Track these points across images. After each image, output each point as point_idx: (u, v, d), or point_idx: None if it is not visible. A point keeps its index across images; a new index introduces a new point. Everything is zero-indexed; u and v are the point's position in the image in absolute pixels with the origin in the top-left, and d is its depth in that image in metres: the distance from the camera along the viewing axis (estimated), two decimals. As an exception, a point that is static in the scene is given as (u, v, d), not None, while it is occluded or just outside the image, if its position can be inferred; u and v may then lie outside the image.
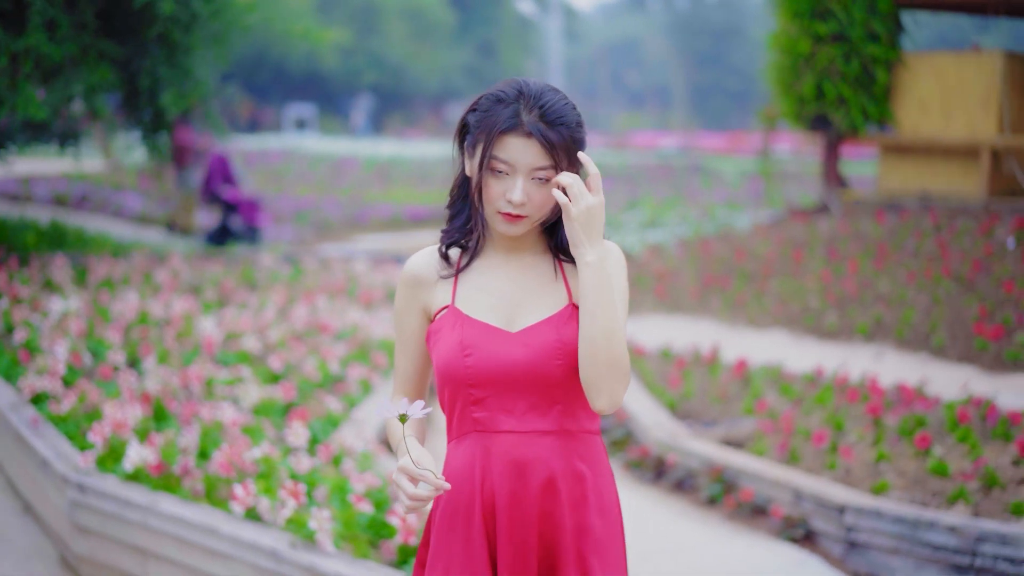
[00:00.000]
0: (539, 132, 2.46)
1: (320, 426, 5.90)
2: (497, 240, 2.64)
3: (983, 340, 8.51)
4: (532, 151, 2.47)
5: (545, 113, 2.48)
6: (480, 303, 2.59)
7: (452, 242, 2.67)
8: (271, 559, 4.38)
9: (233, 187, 14.56)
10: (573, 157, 2.51)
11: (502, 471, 2.53)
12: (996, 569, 4.83)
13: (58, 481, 5.31)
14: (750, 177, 24.58)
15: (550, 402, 2.53)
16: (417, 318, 2.66)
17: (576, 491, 2.54)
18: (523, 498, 2.52)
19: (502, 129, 2.48)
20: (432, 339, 2.61)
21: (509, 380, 2.52)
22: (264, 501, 4.58)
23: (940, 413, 6.44)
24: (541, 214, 2.54)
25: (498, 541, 2.54)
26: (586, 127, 2.58)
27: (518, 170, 2.49)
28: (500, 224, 2.54)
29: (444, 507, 2.58)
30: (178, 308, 8.30)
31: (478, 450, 2.54)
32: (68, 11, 9.56)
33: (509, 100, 2.50)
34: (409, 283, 2.67)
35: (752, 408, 7.01)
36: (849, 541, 5.35)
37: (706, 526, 5.83)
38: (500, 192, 2.51)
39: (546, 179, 2.49)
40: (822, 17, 12.96)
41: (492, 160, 2.50)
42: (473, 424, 2.55)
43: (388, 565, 4.24)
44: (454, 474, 2.58)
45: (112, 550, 5.08)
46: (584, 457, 2.56)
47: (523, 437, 2.53)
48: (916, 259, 10.56)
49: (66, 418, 5.92)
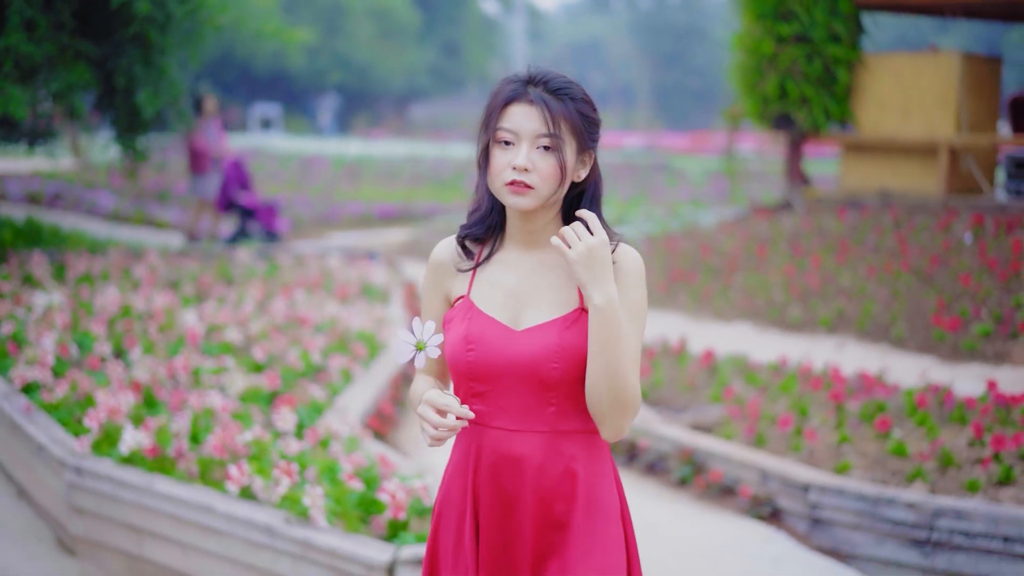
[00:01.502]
0: (542, 100, 2.51)
1: (306, 413, 6.10)
2: (516, 236, 2.65)
3: (941, 331, 8.82)
4: (535, 118, 2.51)
5: (548, 83, 2.54)
6: (492, 298, 2.62)
7: (470, 235, 2.69)
8: (266, 534, 4.60)
9: (249, 192, 14.71)
10: (580, 133, 2.55)
11: (489, 467, 2.57)
12: (952, 543, 5.11)
13: (55, 465, 5.50)
14: (714, 176, 24.90)
15: (544, 403, 2.55)
16: (440, 302, 2.71)
17: (564, 489, 2.55)
18: (508, 495, 2.56)
19: (506, 99, 2.54)
20: (446, 327, 2.66)
21: (506, 377, 2.55)
22: (258, 480, 4.79)
23: (900, 399, 6.73)
24: (549, 188, 2.53)
25: (480, 537, 2.59)
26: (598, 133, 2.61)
27: (522, 137, 2.51)
28: (508, 197, 2.55)
29: (442, 500, 2.67)
30: (159, 302, 8.48)
31: (472, 445, 2.60)
32: (46, 11, 9.70)
33: (518, 78, 2.57)
34: (434, 268, 2.71)
35: (719, 396, 7.27)
36: (813, 518, 5.62)
37: (677, 506, 6.10)
38: (506, 163, 2.53)
39: (550, 147, 2.51)
40: (785, 18, 13.26)
41: (497, 131, 2.54)
42: (475, 416, 2.57)
43: (378, 539, 4.46)
44: (453, 467, 2.66)
45: (109, 530, 5.28)
46: (577, 456, 2.57)
47: (512, 435, 2.56)
48: (876, 254, 10.87)
49: (58, 406, 6.10)
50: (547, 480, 2.55)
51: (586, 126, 2.56)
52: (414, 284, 11.29)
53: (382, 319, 8.96)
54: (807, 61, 13.21)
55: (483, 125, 2.60)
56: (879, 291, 10.02)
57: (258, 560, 4.66)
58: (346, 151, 31.12)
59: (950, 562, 5.11)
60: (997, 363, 8.28)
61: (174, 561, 5.02)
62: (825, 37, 13.15)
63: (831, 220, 12.27)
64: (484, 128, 2.59)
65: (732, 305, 10.84)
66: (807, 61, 13.21)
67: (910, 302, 9.59)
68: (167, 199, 17.99)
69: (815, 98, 13.26)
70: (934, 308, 9.25)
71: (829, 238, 11.69)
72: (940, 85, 12.72)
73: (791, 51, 13.21)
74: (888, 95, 13.16)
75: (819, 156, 27.27)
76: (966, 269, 9.77)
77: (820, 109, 13.29)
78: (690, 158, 33.49)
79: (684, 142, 39.81)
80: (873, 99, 13.29)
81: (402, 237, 17.58)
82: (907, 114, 13.01)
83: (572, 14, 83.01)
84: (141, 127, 11.17)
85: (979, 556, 5.04)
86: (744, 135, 26.78)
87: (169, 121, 11.57)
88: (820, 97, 13.27)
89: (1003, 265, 9.57)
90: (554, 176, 2.52)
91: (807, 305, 10.28)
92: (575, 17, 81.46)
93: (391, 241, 17.09)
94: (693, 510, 6.03)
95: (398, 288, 10.98)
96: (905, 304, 9.58)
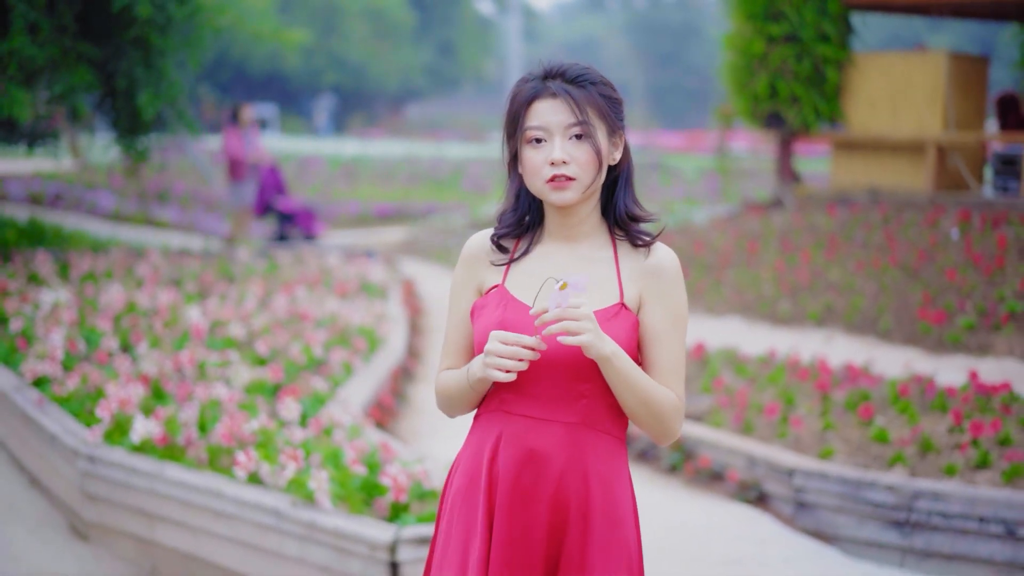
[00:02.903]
0: (564, 91, 2.54)
1: (309, 403, 6.31)
2: (556, 232, 2.66)
3: (926, 324, 9.05)
4: (562, 110, 2.54)
5: (567, 73, 2.57)
6: (528, 286, 2.62)
7: (505, 234, 2.69)
8: (273, 517, 4.82)
9: (286, 197, 14.91)
10: (607, 116, 2.58)
11: (508, 457, 2.57)
12: (930, 523, 5.33)
13: (68, 454, 5.71)
14: (708, 174, 25.12)
15: (576, 395, 2.56)
16: (471, 296, 2.70)
17: (580, 489, 2.56)
18: (525, 488, 2.56)
19: (529, 97, 2.57)
20: (476, 313, 2.65)
21: (539, 366, 2.53)
22: (265, 466, 5.01)
23: (884, 389, 6.95)
24: (589, 175, 2.56)
25: (495, 526, 2.58)
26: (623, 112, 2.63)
27: (553, 132, 2.54)
28: (551, 194, 2.56)
29: (455, 488, 2.67)
30: (163, 299, 8.69)
31: (493, 430, 2.60)
32: (49, 14, 9.89)
33: (534, 75, 2.59)
34: (467, 261, 2.71)
35: (709, 387, 7.49)
36: (798, 501, 5.85)
37: (668, 490, 6.32)
38: (542, 160, 2.55)
39: (582, 135, 2.54)
40: (775, 19, 13.48)
41: (528, 131, 2.56)
42: (499, 403, 2.60)
43: (381, 520, 4.68)
44: (469, 456, 2.66)
45: (121, 515, 5.49)
46: (599, 456, 2.58)
47: (537, 424, 2.56)
48: (865, 250, 11.09)
49: (69, 398, 6.31)
50: (566, 477, 2.55)
51: (611, 107, 2.59)
52: (412, 281, 11.51)
53: (381, 315, 9.18)
54: (797, 60, 13.43)
55: (509, 129, 2.61)
56: (867, 285, 10.24)
57: (266, 542, 4.88)
58: (342, 151, 31.32)
59: (928, 542, 5.33)
60: (980, 355, 8.50)
61: (185, 544, 5.23)
62: (814, 37, 13.37)
63: (821, 217, 12.49)
64: (511, 132, 2.61)
65: (723, 300, 11.07)
66: (797, 60, 13.43)
67: (897, 296, 9.81)
68: (167, 199, 18.20)
69: (805, 97, 13.48)
70: (920, 302, 9.48)
71: (819, 234, 11.91)
72: (928, 84, 12.95)
73: (781, 51, 13.43)
74: (877, 94, 13.38)
75: (811, 155, 27.49)
76: (952, 264, 9.99)
77: (810, 108, 13.51)
78: (685, 157, 33.70)
79: (679, 141, 40.01)
80: (862, 98, 13.51)
81: (399, 236, 17.80)
82: (896, 112, 13.23)
83: (567, 13, 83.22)
84: (142, 128, 11.35)
85: (956, 536, 5.26)
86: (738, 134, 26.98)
87: (168, 122, 11.76)
88: (810, 96, 13.49)
89: (988, 260, 9.79)
90: (592, 162, 2.55)
91: (796, 299, 10.50)
92: (570, 16, 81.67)
93: (389, 240, 17.31)
94: (683, 494, 6.26)
95: (396, 285, 11.20)
96: (892, 298, 9.80)
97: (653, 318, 2.60)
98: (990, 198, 11.88)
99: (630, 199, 2.65)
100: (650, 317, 2.60)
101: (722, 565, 5.33)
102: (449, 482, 2.73)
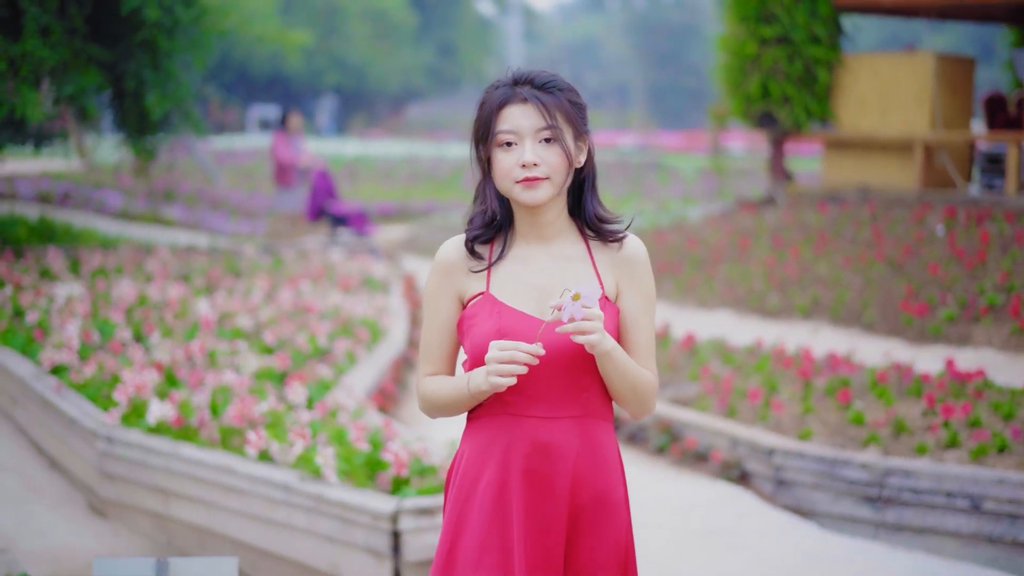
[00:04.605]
0: (534, 96, 2.65)
1: (315, 389, 6.64)
2: (528, 233, 2.76)
3: (909, 316, 9.37)
4: (532, 114, 2.65)
5: (535, 80, 2.68)
6: (515, 291, 2.71)
7: (477, 237, 2.78)
8: (282, 491, 5.15)
9: (338, 200, 15.22)
10: (574, 120, 2.69)
11: (525, 456, 2.67)
12: (901, 499, 5.66)
13: (87, 436, 6.04)
14: (705, 173, 25.44)
15: (579, 389, 2.69)
16: (451, 303, 2.78)
17: (589, 474, 2.69)
18: (544, 483, 2.66)
19: (500, 103, 2.67)
20: (466, 324, 2.72)
21: (547, 366, 2.63)
22: (274, 444, 5.34)
23: (863, 376, 7.28)
24: (559, 176, 2.67)
25: (514, 519, 2.67)
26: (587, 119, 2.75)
27: (523, 135, 2.65)
28: (521, 194, 2.67)
29: (466, 492, 2.74)
30: (173, 293, 9.01)
31: (502, 430, 2.69)
32: (60, 17, 10.20)
33: (503, 82, 2.71)
34: (443, 269, 2.78)
35: (697, 375, 7.81)
36: (778, 479, 6.18)
37: (655, 470, 6.66)
38: (512, 162, 2.66)
39: (551, 138, 2.65)
40: (767, 21, 13.81)
41: (498, 135, 2.67)
42: (503, 407, 2.69)
43: (384, 493, 5.01)
44: (474, 451, 2.74)
45: (138, 493, 5.82)
46: (600, 442, 2.72)
47: (548, 422, 2.67)
48: (853, 245, 11.42)
49: (86, 385, 6.64)
50: (579, 467, 2.68)
51: (578, 112, 2.70)
52: (413, 276, 11.84)
53: (383, 308, 9.51)
54: (788, 62, 13.76)
55: (478, 134, 2.72)
56: (853, 280, 10.56)
57: (275, 515, 5.21)
58: (344, 151, 31.64)
59: (899, 516, 5.66)
60: (960, 345, 8.83)
61: (199, 519, 5.56)
62: (806, 39, 13.69)
63: (812, 214, 12.81)
64: (481, 136, 2.71)
65: (715, 294, 11.39)
66: (788, 62, 13.76)
67: (881, 290, 10.13)
68: (173, 198, 18.54)
69: (796, 97, 13.80)
70: (903, 295, 9.80)
71: (809, 231, 12.24)
72: (916, 85, 13.27)
73: (773, 52, 13.75)
74: (866, 94, 13.70)
75: (803, 154, 27.81)
76: (936, 259, 10.31)
77: (801, 108, 13.83)
78: (682, 156, 34.03)
79: (678, 141, 40.30)
80: (852, 98, 13.84)
81: (401, 234, 18.14)
82: (885, 112, 13.56)
83: (567, 14, 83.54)
84: (150, 128, 11.65)
85: (925, 510, 5.59)
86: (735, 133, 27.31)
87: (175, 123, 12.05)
88: (801, 96, 13.81)
89: (971, 255, 10.11)
90: (562, 164, 2.67)
91: (785, 293, 10.82)
92: (570, 17, 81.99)
93: (390, 238, 17.63)
94: (670, 474, 6.59)
95: (397, 280, 11.56)
96: (877, 291, 10.12)
97: (630, 304, 2.76)
98: (976, 195, 12.19)
99: (596, 203, 2.78)
100: (627, 303, 2.76)
101: (704, 537, 5.67)
102: (453, 485, 2.79)
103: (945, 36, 45.23)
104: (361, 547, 4.87)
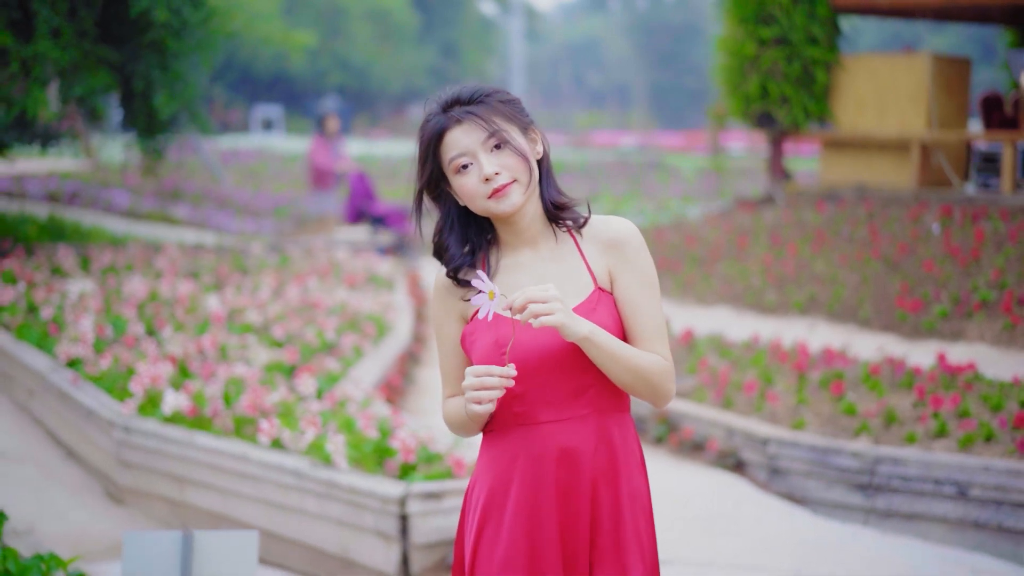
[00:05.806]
0: (466, 113, 2.64)
1: (323, 381, 6.85)
2: (512, 241, 2.74)
3: (903, 312, 9.57)
4: (473, 130, 2.64)
5: (460, 98, 2.67)
6: None
7: (460, 265, 2.74)
8: (294, 477, 5.35)
9: (377, 202, 15.39)
10: (514, 117, 2.68)
11: (544, 462, 2.66)
12: (890, 486, 5.87)
13: (104, 426, 6.25)
14: (705, 172, 25.64)
15: (585, 386, 2.66)
16: (455, 324, 2.78)
17: (609, 470, 2.68)
18: (565, 485, 2.66)
19: (438, 132, 2.66)
20: (468, 341, 2.72)
21: (547, 370, 2.63)
22: (287, 432, 5.55)
23: (857, 369, 7.48)
24: (523, 174, 2.66)
25: (543, 526, 2.66)
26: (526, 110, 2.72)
27: (474, 152, 2.64)
28: (497, 206, 2.65)
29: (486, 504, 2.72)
30: (183, 289, 9.22)
31: (518, 441, 2.68)
32: (71, 19, 10.40)
33: (433, 112, 2.69)
34: (444, 293, 2.78)
35: (695, 368, 8.02)
36: (772, 468, 6.39)
37: (654, 460, 6.84)
38: (475, 181, 2.64)
39: (500, 143, 2.64)
40: (766, 22, 14.01)
41: (452, 162, 2.66)
42: (514, 418, 2.68)
43: (392, 478, 5.21)
44: (492, 464, 2.72)
45: (154, 480, 6.03)
46: (616, 435, 2.69)
47: (561, 424, 2.65)
48: (850, 243, 11.62)
49: (101, 377, 6.85)
50: (598, 462, 2.67)
51: (513, 108, 2.69)
52: (417, 273, 12.05)
53: (388, 304, 9.72)
54: (787, 62, 13.95)
55: (427, 169, 2.69)
56: (849, 277, 10.76)
57: (288, 500, 5.42)
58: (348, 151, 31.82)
59: (889, 503, 5.87)
60: (953, 340, 9.03)
61: (213, 504, 5.77)
62: (804, 39, 13.89)
63: (810, 212, 13.01)
64: (431, 170, 2.69)
65: (713, 291, 11.60)
66: (787, 62, 13.95)
67: (877, 286, 10.33)
68: (180, 197, 18.76)
69: (795, 97, 13.99)
70: (899, 292, 10.00)
71: (807, 229, 12.43)
72: (912, 85, 13.47)
73: (772, 53, 13.95)
74: (864, 94, 13.90)
75: (804, 154, 28.01)
76: (931, 256, 10.51)
77: (799, 108, 14.03)
78: (684, 156, 34.21)
79: (679, 140, 40.48)
80: (850, 98, 14.03)
81: (404, 232, 18.31)
82: (882, 112, 13.75)
83: (569, 14, 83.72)
84: (158, 128, 11.84)
85: (914, 497, 5.79)
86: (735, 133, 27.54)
87: (183, 122, 12.24)
88: (799, 96, 14.01)
89: (965, 252, 10.30)
90: (520, 162, 2.65)
91: (782, 290, 11.02)
92: (572, 17, 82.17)
93: (394, 236, 17.81)
94: (668, 463, 6.81)
95: (402, 277, 11.77)
96: (872, 288, 10.32)
97: (625, 288, 2.69)
98: (972, 194, 12.39)
99: (553, 189, 2.75)
100: (622, 288, 2.69)
101: (703, 523, 5.87)
102: (473, 498, 2.78)
103: (946, 37, 45.42)
104: (371, 530, 5.08)
